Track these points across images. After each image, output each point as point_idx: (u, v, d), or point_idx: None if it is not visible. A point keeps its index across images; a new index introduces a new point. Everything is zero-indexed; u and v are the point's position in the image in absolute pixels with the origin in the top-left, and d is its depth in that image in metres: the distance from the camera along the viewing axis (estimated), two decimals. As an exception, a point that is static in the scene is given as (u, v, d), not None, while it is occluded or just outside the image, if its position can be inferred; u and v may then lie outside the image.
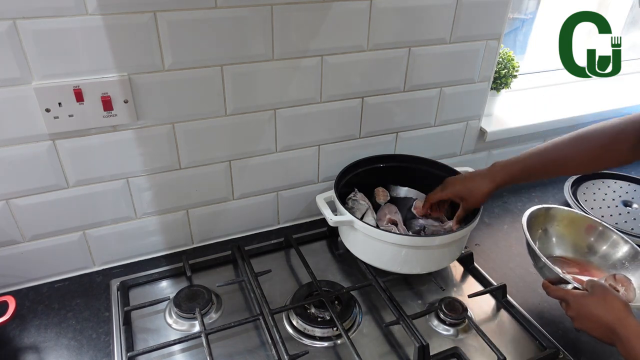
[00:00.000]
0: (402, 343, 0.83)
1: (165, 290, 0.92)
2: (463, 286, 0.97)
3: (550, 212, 0.98)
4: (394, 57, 0.98)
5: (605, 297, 0.72)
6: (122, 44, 0.75)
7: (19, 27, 0.68)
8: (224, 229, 1.05)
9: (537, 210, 0.96)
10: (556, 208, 0.99)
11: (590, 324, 0.72)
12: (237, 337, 0.82)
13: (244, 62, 0.85)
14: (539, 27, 1.44)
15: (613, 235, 0.94)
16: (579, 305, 0.74)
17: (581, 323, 0.73)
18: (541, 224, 0.98)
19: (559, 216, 0.99)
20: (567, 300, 0.76)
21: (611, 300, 0.71)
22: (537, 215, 0.96)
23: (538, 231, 0.97)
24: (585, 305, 0.73)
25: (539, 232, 0.97)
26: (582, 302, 0.73)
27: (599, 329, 0.70)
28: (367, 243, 0.89)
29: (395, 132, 1.10)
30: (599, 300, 0.72)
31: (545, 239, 0.98)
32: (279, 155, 0.99)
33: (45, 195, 0.83)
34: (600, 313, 0.70)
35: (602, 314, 0.70)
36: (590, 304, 0.72)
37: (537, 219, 0.96)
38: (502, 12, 1.03)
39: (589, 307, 0.72)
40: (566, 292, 0.77)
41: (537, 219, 0.96)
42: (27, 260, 0.88)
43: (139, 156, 0.87)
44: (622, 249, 0.92)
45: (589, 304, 0.72)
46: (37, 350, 0.79)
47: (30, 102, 0.74)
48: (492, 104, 1.25)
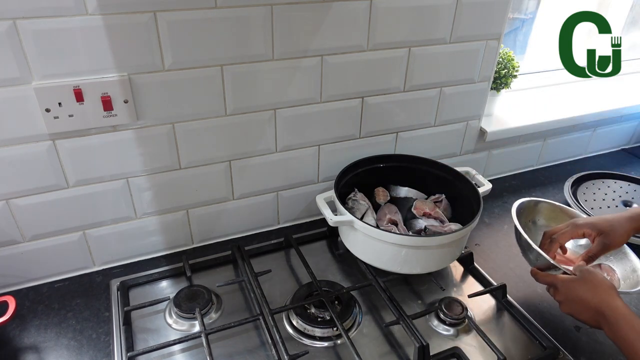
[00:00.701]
0: (402, 343, 0.83)
1: (165, 290, 0.92)
2: (463, 286, 0.97)
3: (538, 205, 0.99)
4: (394, 57, 0.98)
5: (592, 280, 0.72)
6: (122, 44, 0.75)
7: (19, 27, 0.68)
8: (224, 229, 1.05)
9: (527, 202, 0.96)
10: (544, 202, 0.99)
11: (578, 307, 0.72)
12: (237, 337, 0.82)
13: (244, 62, 0.85)
14: (539, 27, 1.44)
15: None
16: (567, 289, 0.74)
17: (568, 307, 0.74)
18: (530, 215, 0.98)
19: (545, 210, 0.99)
20: (556, 285, 0.76)
21: (599, 283, 0.71)
22: (526, 207, 0.96)
23: (527, 223, 0.97)
24: (573, 289, 0.73)
25: (529, 223, 0.98)
26: (569, 286, 0.74)
27: (586, 312, 0.70)
28: (367, 243, 0.89)
29: (395, 132, 1.10)
30: (587, 283, 0.72)
31: (535, 230, 0.98)
32: (279, 155, 0.99)
33: (45, 195, 0.83)
34: (587, 296, 0.70)
35: (589, 297, 0.70)
36: (578, 288, 0.72)
37: (526, 211, 0.97)
38: (502, 12, 1.03)
39: (577, 291, 0.72)
40: (554, 277, 0.78)
41: (526, 210, 0.97)
42: (27, 260, 0.88)
43: (139, 156, 0.87)
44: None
45: (576, 288, 0.73)
46: (37, 350, 0.79)
47: (30, 102, 0.74)
48: (492, 104, 1.25)
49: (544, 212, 0.99)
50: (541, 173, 1.40)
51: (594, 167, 1.37)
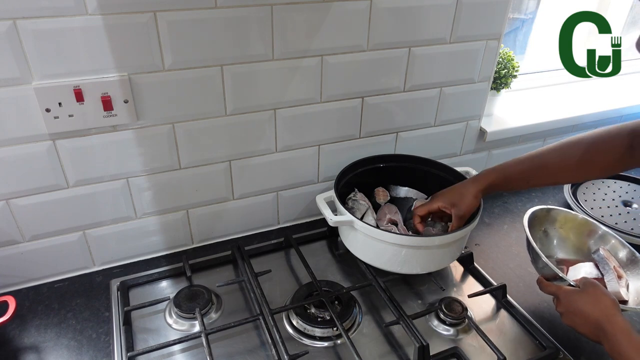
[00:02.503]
0: (402, 343, 0.83)
1: (165, 290, 0.92)
2: (463, 286, 0.97)
3: (551, 213, 0.98)
4: (394, 57, 0.98)
5: (594, 294, 0.72)
6: (122, 44, 0.75)
7: (19, 27, 0.68)
8: (224, 229, 1.05)
9: (539, 211, 0.96)
10: (557, 210, 0.99)
11: (578, 319, 0.72)
12: (237, 337, 0.82)
13: (244, 62, 0.85)
14: (539, 27, 1.44)
15: (612, 240, 0.94)
16: (567, 301, 0.74)
17: (569, 319, 0.74)
18: (542, 224, 0.98)
19: (560, 218, 0.99)
20: (558, 296, 0.77)
21: (600, 297, 0.71)
22: (538, 216, 0.96)
23: (539, 232, 0.97)
24: (574, 301, 0.73)
25: (540, 232, 0.97)
26: (571, 298, 0.74)
27: (586, 325, 0.70)
28: (367, 243, 0.89)
29: (395, 132, 1.10)
30: (589, 296, 0.72)
31: (546, 240, 0.98)
32: (279, 155, 0.99)
33: (45, 195, 0.83)
34: (588, 309, 0.70)
35: (590, 311, 0.70)
36: (579, 300, 0.72)
37: (538, 220, 0.96)
38: (502, 12, 1.03)
39: (578, 304, 0.72)
40: (558, 288, 0.78)
41: (538, 219, 0.96)
42: (27, 260, 0.88)
43: (139, 156, 0.87)
44: (620, 253, 0.93)
45: (577, 300, 0.73)
46: (37, 350, 0.79)
47: (30, 102, 0.74)
48: (492, 104, 1.25)
49: (560, 220, 0.98)
50: (541, 173, 1.40)
51: (594, 167, 1.37)
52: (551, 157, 0.84)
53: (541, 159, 0.85)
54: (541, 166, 0.85)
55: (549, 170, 0.85)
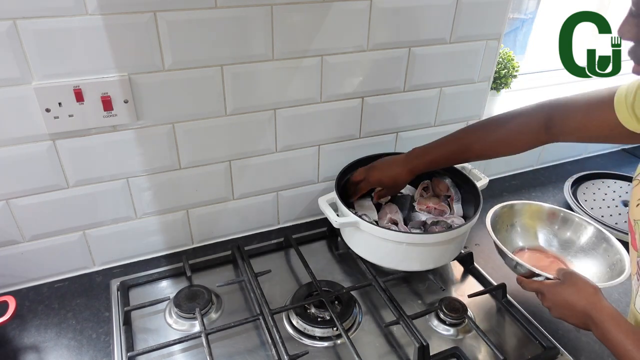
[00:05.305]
0: (402, 343, 0.83)
1: (165, 290, 0.92)
2: (463, 286, 0.97)
3: (514, 207, 0.99)
4: (394, 57, 0.98)
5: (576, 283, 0.73)
6: (122, 44, 0.75)
7: (19, 27, 0.68)
8: (224, 229, 1.05)
9: (501, 209, 0.97)
10: (518, 203, 1.00)
11: (566, 311, 0.73)
12: (237, 337, 0.82)
13: (244, 62, 0.85)
14: (539, 27, 1.44)
15: (575, 219, 0.96)
16: (552, 294, 0.75)
17: (557, 312, 0.74)
18: (507, 220, 0.99)
19: (521, 210, 1.00)
20: (542, 291, 0.77)
21: (582, 286, 0.72)
22: (502, 214, 0.97)
23: (505, 228, 0.98)
24: (558, 293, 0.74)
25: (506, 227, 0.99)
26: (554, 290, 0.75)
27: (575, 316, 0.71)
28: (370, 241, 0.89)
29: (395, 132, 1.10)
30: (571, 287, 0.73)
31: (512, 232, 0.99)
32: (279, 155, 0.99)
33: (45, 195, 0.83)
34: (573, 300, 0.71)
35: (575, 300, 0.71)
36: (564, 292, 0.73)
37: (502, 217, 0.97)
38: (502, 12, 1.03)
39: (563, 295, 0.73)
40: (540, 284, 0.78)
41: (502, 217, 0.97)
42: (27, 260, 0.88)
43: (139, 156, 0.87)
44: (587, 232, 0.94)
45: (562, 292, 0.73)
46: (37, 350, 0.79)
47: (30, 102, 0.74)
48: (492, 104, 1.25)
49: (522, 212, 1.00)
50: (541, 173, 1.40)
51: (594, 167, 1.37)
52: (474, 138, 0.89)
53: (464, 140, 0.89)
54: (465, 149, 0.89)
55: (472, 152, 0.89)
